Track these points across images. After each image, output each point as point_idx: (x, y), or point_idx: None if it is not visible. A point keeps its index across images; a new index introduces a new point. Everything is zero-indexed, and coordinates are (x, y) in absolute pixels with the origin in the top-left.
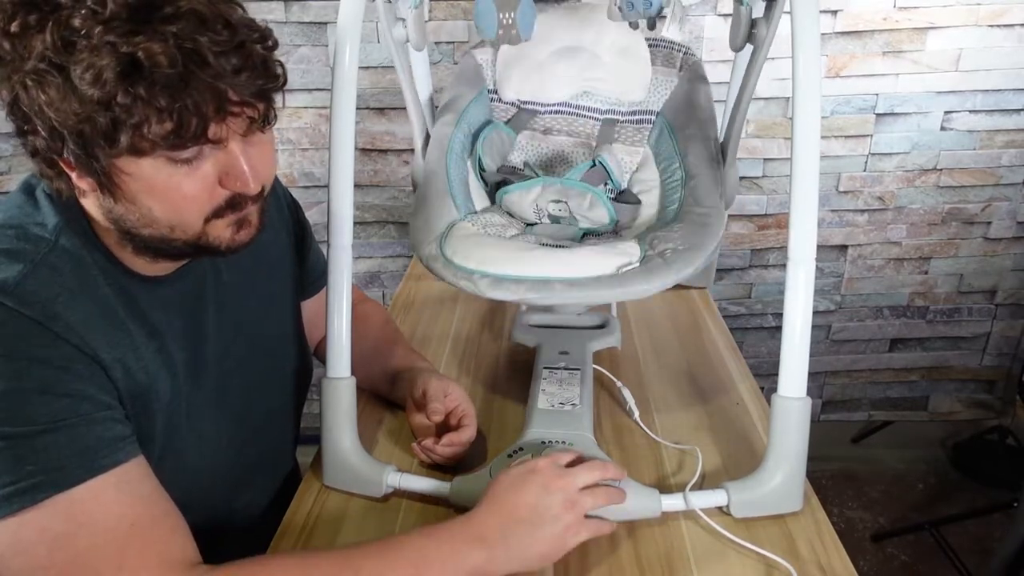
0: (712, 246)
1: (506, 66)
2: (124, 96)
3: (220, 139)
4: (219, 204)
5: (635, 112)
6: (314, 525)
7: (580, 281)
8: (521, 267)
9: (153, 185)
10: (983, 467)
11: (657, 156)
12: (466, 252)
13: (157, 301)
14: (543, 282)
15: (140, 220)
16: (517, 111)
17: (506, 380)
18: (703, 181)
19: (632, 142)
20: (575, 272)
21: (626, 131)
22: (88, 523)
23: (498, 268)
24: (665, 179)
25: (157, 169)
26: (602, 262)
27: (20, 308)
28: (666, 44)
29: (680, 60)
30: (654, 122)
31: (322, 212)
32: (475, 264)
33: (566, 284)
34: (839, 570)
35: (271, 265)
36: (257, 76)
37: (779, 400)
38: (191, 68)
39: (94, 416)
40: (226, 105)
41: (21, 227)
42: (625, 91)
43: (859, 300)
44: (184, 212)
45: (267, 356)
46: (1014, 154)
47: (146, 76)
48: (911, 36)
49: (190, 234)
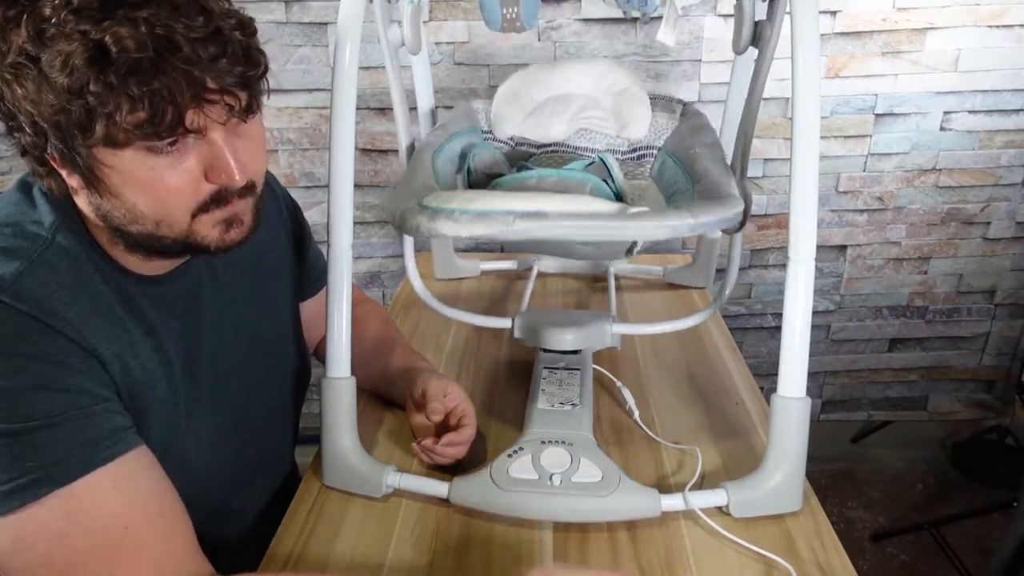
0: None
1: (502, 105)
2: (95, 84)
3: (199, 128)
4: (205, 199)
5: (635, 150)
6: (314, 525)
7: (580, 214)
8: (510, 202)
9: (136, 178)
10: (982, 467)
11: (660, 183)
12: (446, 198)
13: (153, 300)
14: (536, 214)
15: (126, 216)
16: (511, 149)
17: (506, 380)
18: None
19: (634, 176)
20: (574, 207)
21: (627, 167)
22: (84, 522)
23: (482, 205)
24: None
25: (139, 162)
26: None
27: (16, 304)
28: (664, 97)
29: (680, 110)
30: (655, 155)
31: (322, 212)
32: (456, 204)
33: (563, 215)
34: (839, 570)
35: (270, 265)
36: (236, 63)
37: (779, 400)
38: (162, 54)
39: (92, 409)
40: (203, 93)
41: (18, 225)
42: (625, 128)
43: (859, 300)
44: (169, 206)
45: (266, 356)
46: (1013, 154)
47: (115, 62)
48: (910, 36)
49: (177, 231)
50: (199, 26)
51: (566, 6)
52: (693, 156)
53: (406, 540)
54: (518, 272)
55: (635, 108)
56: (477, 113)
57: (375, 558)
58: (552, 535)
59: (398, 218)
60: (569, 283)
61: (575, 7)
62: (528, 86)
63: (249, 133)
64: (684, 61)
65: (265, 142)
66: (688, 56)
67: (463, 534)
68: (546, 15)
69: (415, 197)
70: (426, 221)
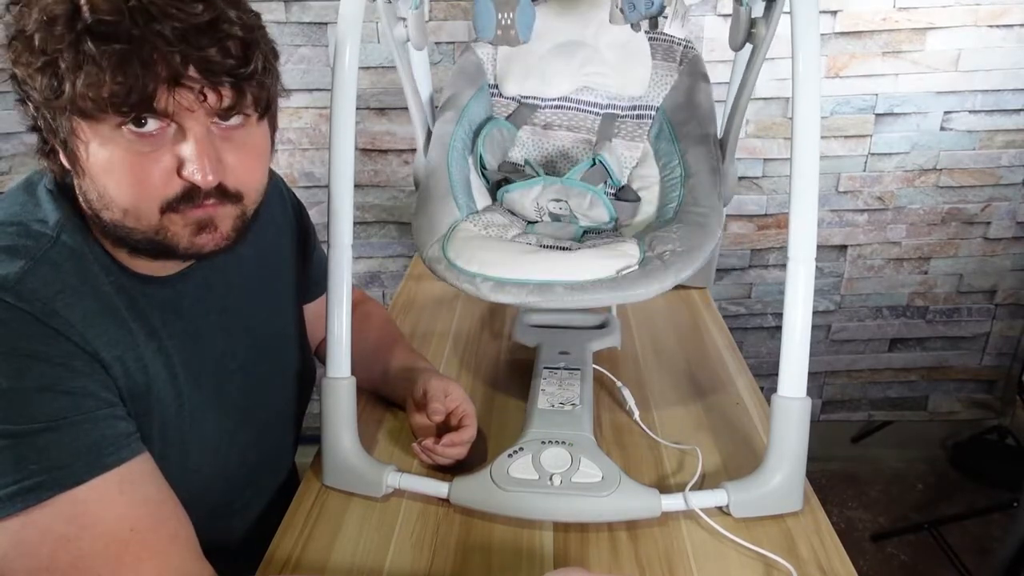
0: (710, 247)
1: (507, 61)
2: (66, 46)
3: (170, 114)
4: (175, 194)
5: (635, 107)
6: (314, 525)
7: (580, 284)
8: (523, 271)
9: (108, 159)
10: (983, 467)
11: (657, 152)
12: (469, 255)
13: (158, 301)
14: (544, 286)
15: (99, 200)
16: (518, 106)
17: (506, 380)
18: (702, 180)
19: (632, 137)
20: (576, 276)
21: (626, 126)
22: (90, 525)
23: (500, 272)
24: (664, 176)
25: (114, 143)
26: (602, 264)
27: (20, 304)
28: (666, 38)
29: (680, 54)
30: (654, 117)
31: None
32: (477, 267)
33: (567, 287)
34: (839, 570)
35: (274, 267)
36: (226, 55)
37: (779, 400)
38: (139, 25)
39: (97, 414)
40: (181, 78)
41: (22, 224)
42: (625, 86)
43: (859, 300)
44: (137, 196)
45: (270, 358)
46: (1014, 154)
47: (87, 25)
48: (910, 36)
49: (144, 224)
50: (195, 13)
51: None
52: (687, 138)
53: (406, 540)
54: None
55: (636, 65)
56: (483, 63)
57: (375, 558)
58: (552, 535)
59: (426, 263)
60: None
61: None
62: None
63: (244, 141)
64: None
65: (266, 156)
66: None
67: (463, 534)
68: None
69: (438, 235)
70: (452, 277)
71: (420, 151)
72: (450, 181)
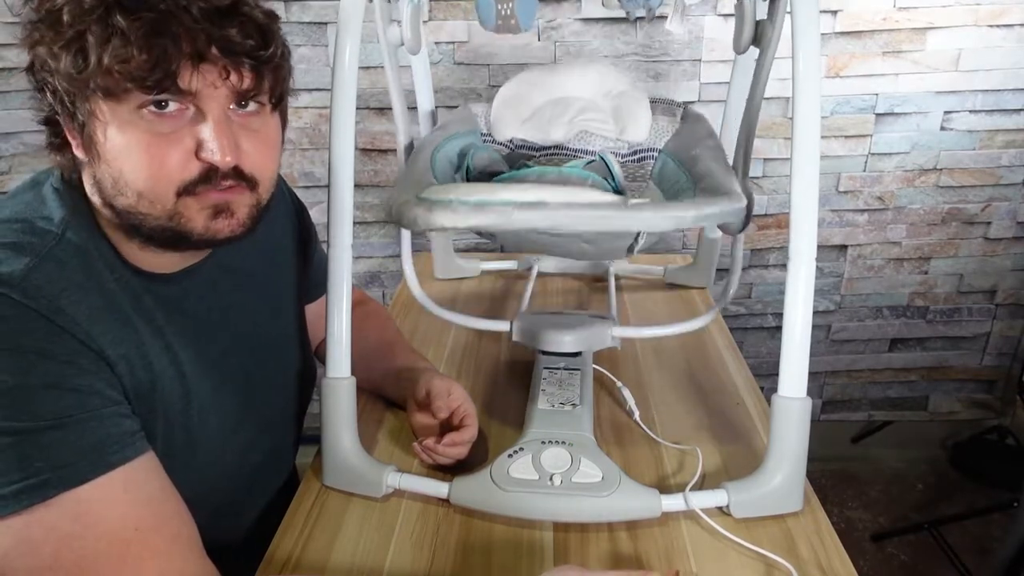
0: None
1: (501, 109)
2: (96, 22)
3: (193, 91)
4: (192, 177)
5: (636, 152)
6: (314, 525)
7: (580, 204)
8: (510, 193)
9: (127, 141)
10: (983, 467)
11: (661, 185)
12: (445, 190)
13: (163, 298)
14: (535, 204)
15: (114, 186)
16: (510, 152)
17: (506, 380)
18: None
19: (634, 178)
20: (575, 198)
21: (628, 168)
22: (93, 524)
23: (481, 195)
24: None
25: (133, 124)
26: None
27: (25, 301)
28: (664, 100)
29: (681, 112)
30: (656, 158)
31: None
32: (454, 195)
33: (563, 205)
34: (839, 570)
35: (276, 267)
36: (247, 36)
37: (779, 400)
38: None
39: (102, 412)
40: (205, 55)
41: (27, 221)
42: (625, 130)
43: (859, 300)
44: (154, 179)
45: (271, 358)
46: (1014, 154)
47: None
48: (911, 36)
49: (159, 209)
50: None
51: (566, 6)
52: (694, 157)
53: (406, 540)
54: (518, 272)
55: (635, 110)
56: (476, 117)
57: (375, 558)
58: (552, 535)
59: (395, 211)
60: (569, 283)
61: (575, 7)
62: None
63: (258, 128)
64: (684, 61)
65: (278, 146)
66: (688, 56)
67: (463, 534)
68: (546, 15)
69: (413, 191)
70: (423, 212)
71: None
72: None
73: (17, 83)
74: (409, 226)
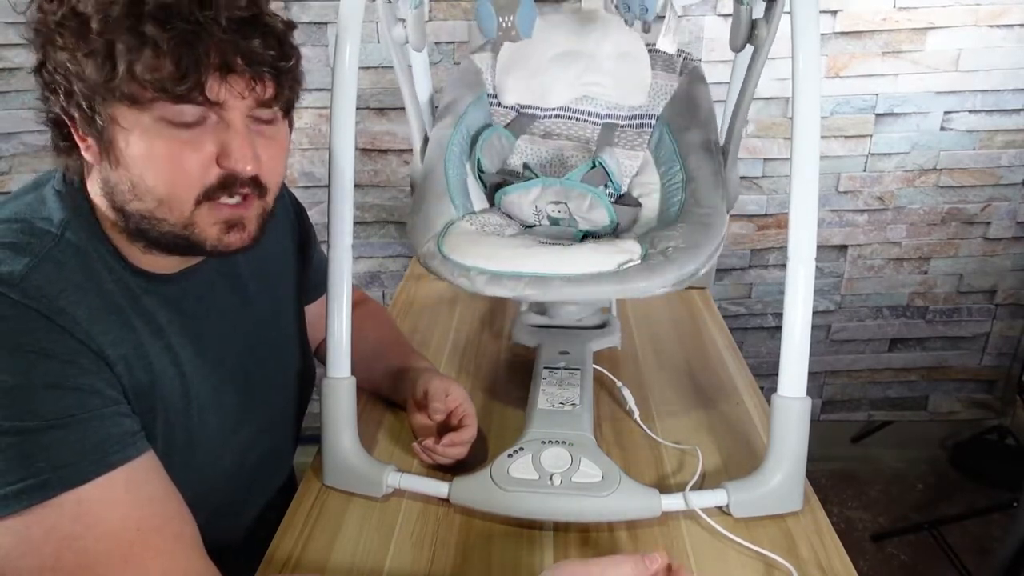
0: (714, 245)
1: (505, 70)
2: (126, 32)
3: (220, 101)
4: (212, 183)
5: (635, 116)
6: (314, 525)
7: (579, 277)
8: (519, 263)
9: (149, 148)
10: (983, 467)
11: (657, 160)
12: (464, 249)
13: (162, 299)
14: (541, 278)
15: (131, 191)
16: (516, 115)
17: (506, 380)
18: (704, 182)
19: (632, 146)
20: (574, 268)
21: (626, 135)
22: (95, 524)
23: (496, 265)
24: (666, 182)
25: (156, 131)
26: (602, 259)
27: (25, 301)
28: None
29: (680, 65)
30: (654, 126)
31: (322, 212)
32: (472, 261)
33: (565, 280)
34: (839, 570)
35: (276, 268)
36: (269, 47)
37: (779, 400)
38: (197, 15)
39: (103, 411)
40: (232, 64)
41: (27, 221)
42: (625, 95)
43: (859, 300)
44: (176, 185)
45: (271, 358)
46: (1014, 154)
47: (150, 12)
48: (910, 36)
49: (176, 216)
50: (239, 5)
51: (566, 6)
52: (688, 143)
53: (406, 540)
54: None
55: (635, 74)
56: (481, 74)
57: (375, 558)
58: (552, 535)
59: (421, 259)
60: None
61: (575, 7)
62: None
63: (272, 135)
64: None
65: (287, 152)
66: None
67: (463, 534)
68: None
69: (433, 232)
70: (445, 272)
71: (416, 154)
72: (447, 182)
73: (18, 83)
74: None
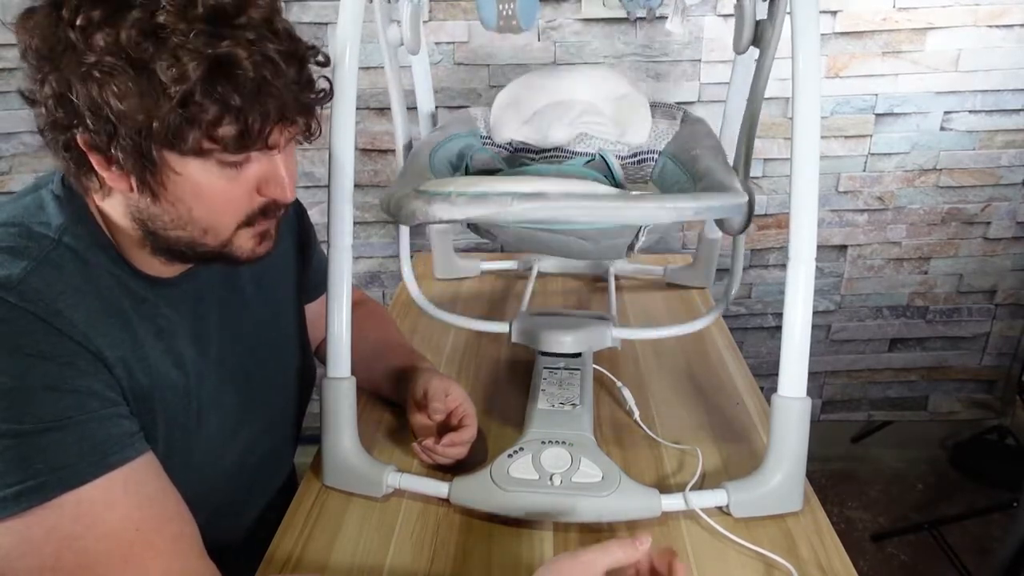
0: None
1: (500, 111)
2: (203, 95)
3: (276, 145)
4: (254, 210)
5: (636, 154)
6: (314, 525)
7: (581, 195)
8: (509, 185)
9: (199, 186)
10: (983, 467)
11: (661, 184)
12: (443, 183)
13: (163, 301)
14: (535, 195)
15: (174, 222)
16: (509, 154)
17: (506, 380)
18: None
19: (634, 180)
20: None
21: (628, 170)
22: (94, 525)
23: (480, 187)
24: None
25: (206, 171)
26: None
27: (23, 304)
28: (664, 104)
29: (681, 116)
30: (656, 160)
31: (322, 212)
32: (453, 187)
33: (563, 196)
34: (839, 570)
35: (276, 268)
36: (311, 89)
37: (779, 400)
38: (265, 74)
39: (101, 413)
40: (288, 113)
41: (24, 225)
42: (625, 133)
43: (859, 300)
44: (222, 215)
45: (271, 358)
46: (1014, 154)
47: (230, 78)
48: (910, 36)
49: (218, 240)
50: (288, 51)
51: (566, 6)
52: (695, 157)
53: (406, 540)
54: (518, 272)
55: (635, 113)
56: (476, 120)
57: (375, 558)
58: (552, 535)
59: (393, 204)
60: (569, 283)
61: (575, 7)
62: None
63: (292, 156)
64: (684, 61)
65: None
66: (688, 56)
67: (463, 534)
68: (546, 15)
69: (411, 186)
70: (422, 205)
71: (399, 156)
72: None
73: (18, 83)
74: (407, 219)
